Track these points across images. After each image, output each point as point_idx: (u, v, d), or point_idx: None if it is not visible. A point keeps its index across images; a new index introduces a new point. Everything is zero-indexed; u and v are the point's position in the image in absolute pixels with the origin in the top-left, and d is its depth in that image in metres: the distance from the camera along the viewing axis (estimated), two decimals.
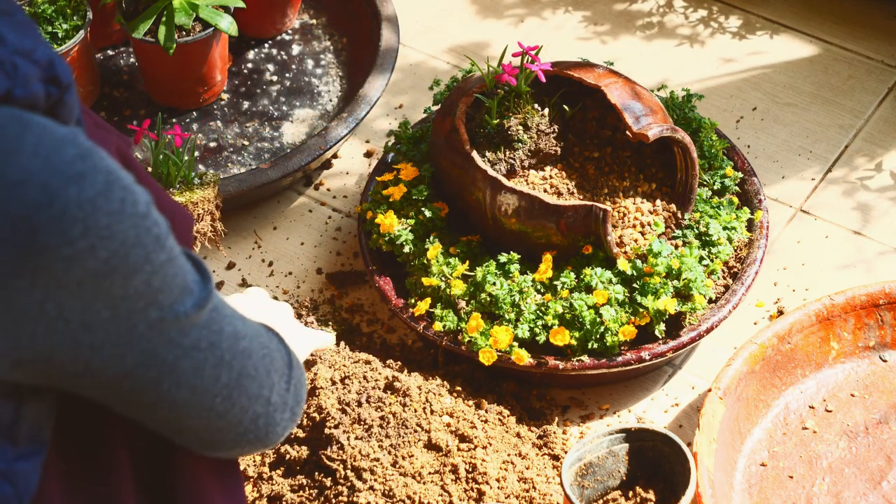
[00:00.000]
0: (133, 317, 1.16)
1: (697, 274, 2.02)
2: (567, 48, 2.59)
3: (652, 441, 1.92)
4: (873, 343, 2.10)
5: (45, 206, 1.08)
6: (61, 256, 1.09)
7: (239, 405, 1.29)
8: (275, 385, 1.33)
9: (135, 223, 1.13)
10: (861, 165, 2.40)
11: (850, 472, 1.98)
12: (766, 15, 2.66)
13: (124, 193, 1.12)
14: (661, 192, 2.12)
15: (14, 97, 1.10)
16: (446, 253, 2.09)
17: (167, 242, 1.17)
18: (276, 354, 1.34)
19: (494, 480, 1.95)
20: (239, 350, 1.27)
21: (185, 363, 1.22)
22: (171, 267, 1.18)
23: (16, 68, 1.11)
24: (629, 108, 2.05)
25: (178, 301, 1.19)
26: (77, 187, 1.09)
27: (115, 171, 1.13)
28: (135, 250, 1.13)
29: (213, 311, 1.24)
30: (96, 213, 1.10)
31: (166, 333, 1.19)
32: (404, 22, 2.62)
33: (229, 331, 1.26)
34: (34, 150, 1.08)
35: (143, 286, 1.15)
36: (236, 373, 1.27)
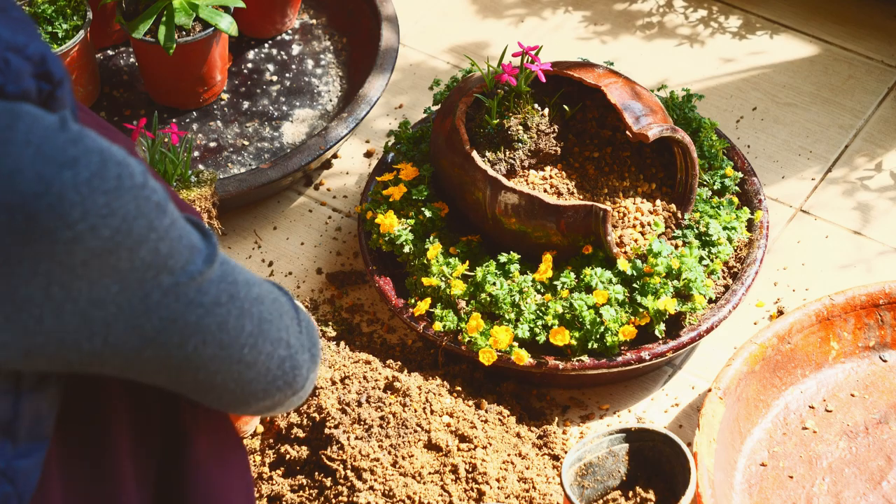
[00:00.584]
0: (145, 286, 1.16)
1: (697, 274, 2.02)
2: (567, 48, 2.59)
3: (652, 441, 1.92)
4: (873, 343, 2.10)
5: (42, 193, 1.08)
6: (62, 240, 1.09)
7: (265, 352, 1.29)
8: (289, 327, 1.33)
9: (134, 195, 1.13)
10: (861, 165, 2.40)
11: (850, 472, 1.98)
12: (766, 15, 2.66)
13: (119, 169, 1.12)
14: (661, 192, 2.12)
15: (5, 92, 1.11)
16: (446, 253, 2.09)
17: (168, 207, 1.17)
18: (280, 298, 1.34)
19: (494, 480, 1.95)
20: (254, 297, 1.27)
21: (208, 321, 1.22)
22: (175, 230, 1.18)
23: (7, 64, 1.11)
24: (629, 108, 2.05)
25: (190, 261, 1.19)
26: (71, 171, 1.09)
27: (107, 149, 1.13)
28: (137, 221, 1.13)
29: (224, 264, 1.25)
30: (93, 193, 1.10)
31: (185, 296, 1.19)
32: (404, 22, 2.62)
33: (242, 279, 1.26)
34: (26, 139, 1.09)
35: (151, 255, 1.15)
36: (257, 319, 1.27)
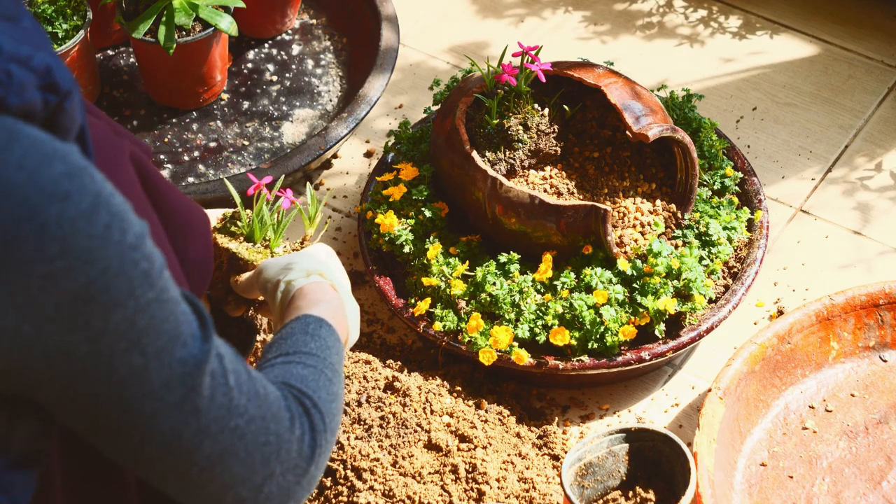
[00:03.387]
0: (114, 358, 1.12)
1: (697, 274, 2.02)
2: (567, 48, 2.59)
3: (652, 441, 1.92)
4: (873, 343, 2.10)
5: (25, 220, 1.05)
6: (38, 273, 1.06)
7: (220, 482, 1.22)
8: (274, 476, 1.25)
9: (119, 252, 1.09)
10: (861, 165, 2.40)
11: (850, 472, 1.98)
12: (766, 15, 2.66)
13: (111, 220, 1.09)
14: (661, 192, 2.12)
15: (8, 105, 1.08)
16: (446, 253, 2.09)
17: (158, 281, 1.13)
18: (288, 445, 1.26)
19: (494, 480, 1.95)
20: (229, 427, 1.21)
21: (162, 419, 1.16)
22: (160, 309, 1.13)
23: (10, 76, 1.08)
24: (629, 108, 2.05)
25: (166, 350, 1.14)
26: (59, 206, 1.06)
27: (104, 196, 1.09)
28: (117, 281, 1.09)
29: (209, 376, 1.18)
30: (76, 234, 1.07)
31: (147, 383, 1.14)
32: (404, 22, 2.62)
33: (222, 401, 1.20)
34: (19, 163, 1.06)
35: (125, 324, 1.11)
36: (221, 448, 1.21)
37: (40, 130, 1.09)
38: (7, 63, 1.09)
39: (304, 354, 1.41)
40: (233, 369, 1.21)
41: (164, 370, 1.14)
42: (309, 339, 1.44)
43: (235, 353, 1.24)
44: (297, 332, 1.46)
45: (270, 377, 1.36)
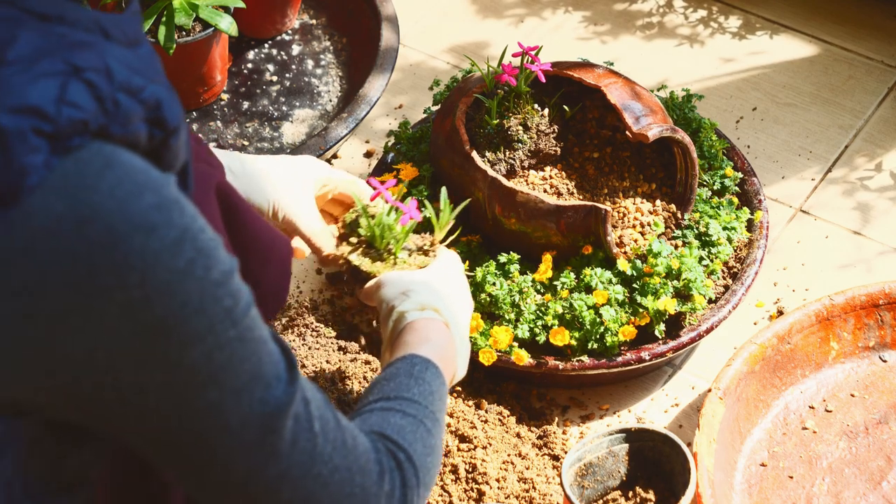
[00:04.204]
0: (189, 390, 1.10)
1: (697, 274, 2.02)
2: (567, 48, 2.59)
3: (652, 441, 1.92)
4: (873, 343, 2.10)
5: (108, 248, 1.04)
6: (115, 301, 1.05)
7: None
8: None
9: (201, 288, 1.08)
10: (861, 165, 2.40)
11: (850, 472, 1.98)
12: (766, 15, 2.66)
13: (196, 255, 1.07)
14: (661, 192, 2.12)
15: (110, 134, 1.06)
16: None
17: (242, 319, 1.11)
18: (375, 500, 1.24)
19: (494, 480, 1.95)
20: (312, 474, 1.19)
21: (240, 459, 1.15)
22: (241, 347, 1.11)
23: (117, 105, 1.07)
24: (629, 108, 2.05)
25: (245, 388, 1.12)
26: (144, 237, 1.05)
27: (192, 231, 1.08)
28: (197, 316, 1.08)
29: (292, 420, 1.16)
30: (158, 266, 1.05)
31: (223, 420, 1.12)
32: (404, 22, 2.62)
33: (305, 447, 1.18)
34: (110, 192, 1.04)
35: (203, 359, 1.09)
36: (302, 495, 1.19)
37: (139, 158, 1.08)
38: (116, 92, 1.07)
39: (405, 401, 1.39)
40: (319, 416, 1.19)
41: (244, 409, 1.13)
42: (412, 384, 1.43)
43: (326, 400, 1.22)
44: (402, 374, 1.45)
45: (367, 425, 1.34)
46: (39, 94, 1.04)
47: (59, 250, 1.04)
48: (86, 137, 1.05)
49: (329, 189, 1.84)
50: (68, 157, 1.04)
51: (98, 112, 1.05)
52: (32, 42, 1.06)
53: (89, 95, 1.05)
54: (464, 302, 1.71)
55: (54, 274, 1.04)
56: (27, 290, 1.04)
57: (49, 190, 1.03)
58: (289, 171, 1.77)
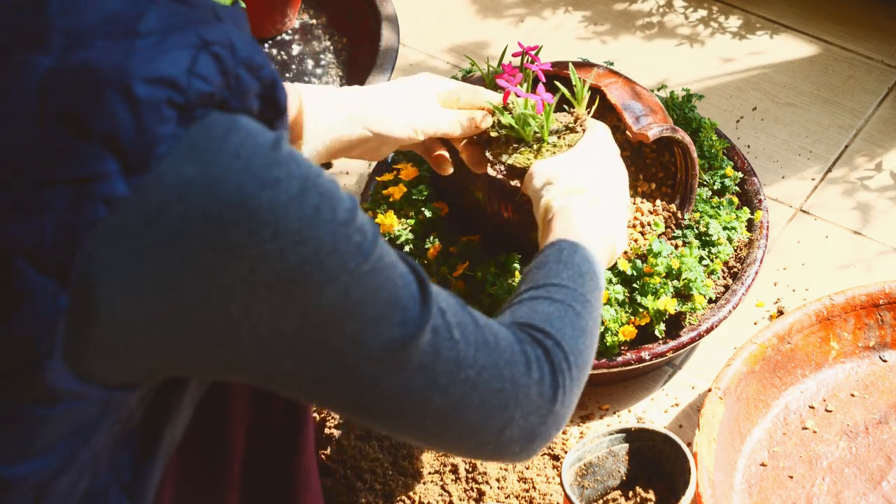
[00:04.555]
0: (328, 328, 1.13)
1: (697, 274, 2.02)
2: (567, 48, 2.59)
3: (652, 441, 1.92)
4: (873, 343, 2.10)
5: (238, 206, 1.07)
6: (249, 256, 1.08)
7: (456, 430, 1.23)
8: (514, 420, 1.26)
9: (332, 229, 1.11)
10: (861, 165, 2.40)
11: (850, 472, 1.98)
12: (766, 15, 2.66)
13: (320, 199, 1.11)
14: (661, 192, 2.12)
15: (229, 107, 1.10)
16: (446, 253, 2.09)
17: (372, 251, 1.14)
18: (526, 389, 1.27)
19: (494, 480, 1.95)
20: (459, 379, 1.21)
21: (387, 380, 1.18)
22: (375, 277, 1.14)
23: (238, 80, 1.10)
24: (629, 108, 2.05)
25: (383, 316, 1.15)
26: (271, 192, 1.08)
27: (312, 178, 1.11)
28: (330, 258, 1.11)
29: (431, 333, 1.19)
30: (288, 217, 1.09)
31: (365, 348, 1.15)
32: (404, 22, 2.62)
33: (449, 355, 1.21)
34: (235, 152, 1.08)
35: (340, 297, 1.12)
36: (453, 400, 1.22)
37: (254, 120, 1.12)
38: (238, 67, 1.11)
39: (553, 287, 1.42)
40: (457, 322, 1.22)
41: (383, 335, 1.16)
42: (561, 269, 1.46)
43: (461, 303, 1.25)
44: (551, 261, 1.48)
45: (514, 317, 1.38)
46: (173, 65, 1.07)
47: (192, 212, 1.06)
48: (208, 109, 1.08)
49: (454, 100, 1.86)
50: (192, 125, 1.08)
51: (222, 86, 1.09)
52: (162, 17, 1.09)
53: (216, 69, 1.09)
54: (613, 173, 1.74)
55: (188, 236, 1.07)
56: (162, 254, 1.07)
57: (177, 156, 1.07)
58: (410, 93, 1.79)
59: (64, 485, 1.16)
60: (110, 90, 1.06)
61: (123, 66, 1.07)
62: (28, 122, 1.07)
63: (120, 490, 1.20)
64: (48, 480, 1.15)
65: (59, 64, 1.08)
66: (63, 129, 1.06)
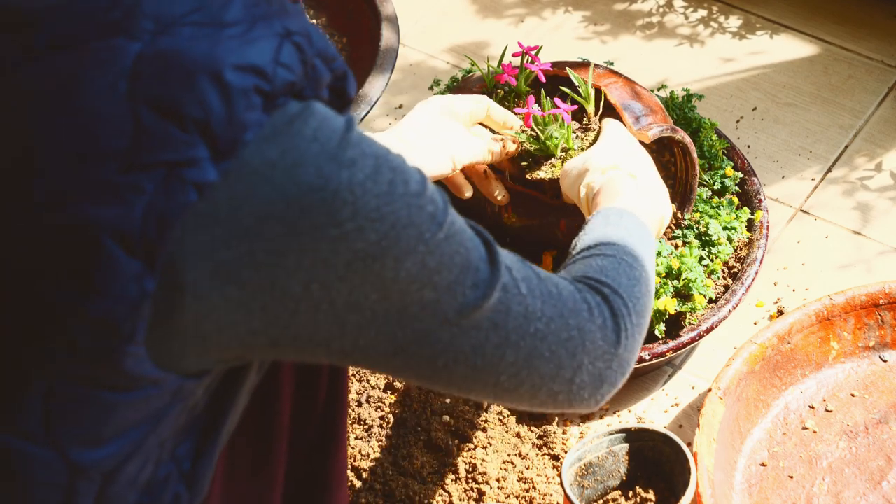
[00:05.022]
0: (405, 298, 1.15)
1: (697, 274, 2.02)
2: (567, 48, 2.59)
3: (652, 441, 1.92)
4: (873, 343, 2.10)
5: (318, 188, 1.09)
6: (329, 237, 1.10)
7: (529, 382, 1.26)
8: (583, 366, 1.30)
9: (406, 202, 1.13)
10: (861, 165, 2.40)
11: (850, 472, 1.98)
12: (766, 15, 2.66)
13: (393, 174, 1.13)
14: None
15: (304, 96, 1.13)
16: None
17: (445, 219, 1.17)
18: (591, 336, 1.30)
19: (494, 480, 1.95)
20: (529, 332, 1.25)
21: (462, 342, 1.20)
22: (448, 245, 1.17)
23: (314, 70, 1.13)
24: (629, 107, 2.05)
25: (458, 281, 1.18)
26: (349, 171, 1.10)
27: (383, 156, 1.14)
28: (406, 231, 1.13)
29: (501, 291, 1.22)
30: (366, 195, 1.11)
31: (441, 314, 1.18)
32: (404, 22, 2.62)
33: (518, 311, 1.24)
34: (314, 136, 1.10)
35: (417, 267, 1.15)
36: (525, 353, 1.25)
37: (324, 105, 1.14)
38: (314, 58, 1.14)
39: (603, 245, 1.45)
40: (522, 277, 1.25)
41: (458, 298, 1.18)
42: (610, 230, 1.49)
43: (521, 260, 1.29)
44: (598, 226, 1.52)
45: (570, 274, 1.41)
46: (260, 54, 1.10)
47: (275, 196, 1.09)
48: (288, 97, 1.11)
49: (474, 120, 1.92)
50: (275, 112, 1.10)
51: (302, 75, 1.12)
52: (247, 6, 1.12)
53: (298, 58, 1.12)
54: (642, 154, 1.78)
55: (272, 218, 1.09)
56: (249, 236, 1.09)
57: (261, 141, 1.09)
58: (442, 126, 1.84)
59: (130, 472, 1.17)
60: (201, 76, 1.08)
61: (213, 53, 1.09)
62: (119, 106, 1.09)
63: (179, 478, 1.21)
64: (116, 467, 1.16)
65: (148, 49, 1.09)
66: (155, 114, 1.08)
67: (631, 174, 1.69)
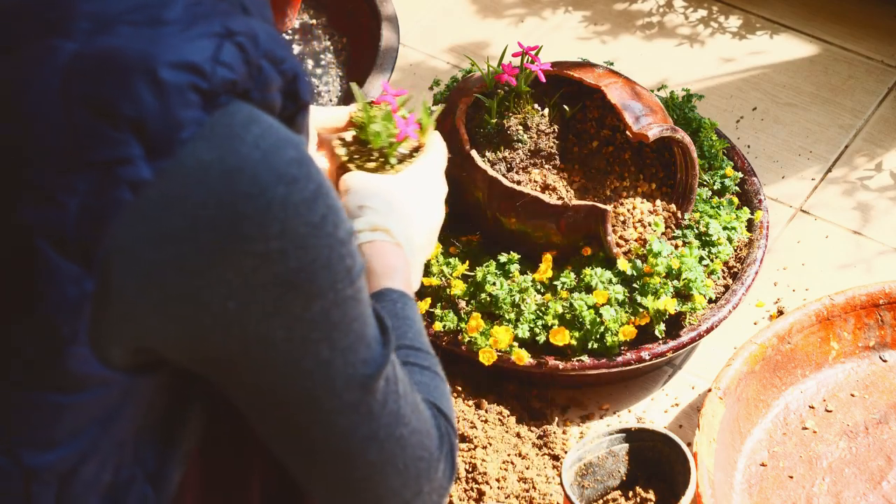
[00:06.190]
0: (305, 346, 1.13)
1: (697, 274, 2.02)
2: (567, 48, 2.59)
3: (652, 441, 1.92)
4: (873, 343, 2.10)
5: (252, 196, 1.07)
6: (254, 252, 1.08)
7: (375, 492, 1.22)
8: (422, 495, 1.25)
9: (330, 244, 1.11)
10: (861, 165, 2.40)
11: (850, 472, 1.98)
12: (766, 15, 2.66)
13: (328, 212, 1.11)
14: (661, 192, 2.12)
15: (251, 98, 1.11)
16: (446, 253, 2.09)
17: (357, 280, 1.15)
18: (436, 464, 1.26)
19: (494, 480, 1.95)
20: (395, 435, 1.21)
21: (338, 419, 1.17)
22: (353, 307, 1.15)
23: (260, 71, 1.11)
24: (629, 108, 2.05)
25: (352, 348, 1.16)
26: (286, 188, 1.08)
27: (326, 187, 1.12)
28: (323, 272, 1.11)
29: (384, 381, 1.19)
30: (297, 218, 1.09)
31: (331, 379, 1.15)
32: (404, 22, 2.62)
33: (393, 408, 1.21)
34: (255, 143, 1.09)
35: (322, 315, 1.12)
36: (385, 456, 1.21)
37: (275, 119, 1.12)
38: (261, 59, 1.12)
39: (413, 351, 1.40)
40: (401, 378, 1.22)
41: (348, 369, 1.16)
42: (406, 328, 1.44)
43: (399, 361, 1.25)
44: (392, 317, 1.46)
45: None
46: (198, 52, 1.08)
47: (208, 199, 1.07)
48: (231, 97, 1.09)
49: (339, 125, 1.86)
50: (216, 112, 1.08)
51: (246, 76, 1.10)
52: (188, 6, 1.11)
53: (240, 58, 1.10)
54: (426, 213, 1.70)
55: (203, 222, 1.07)
56: (178, 239, 1.07)
57: (200, 142, 1.07)
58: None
59: (87, 474, 1.16)
60: (136, 75, 1.07)
61: (149, 52, 1.08)
62: (53, 107, 1.08)
63: (144, 481, 1.20)
64: (71, 469, 1.15)
65: (84, 49, 1.08)
66: (88, 114, 1.07)
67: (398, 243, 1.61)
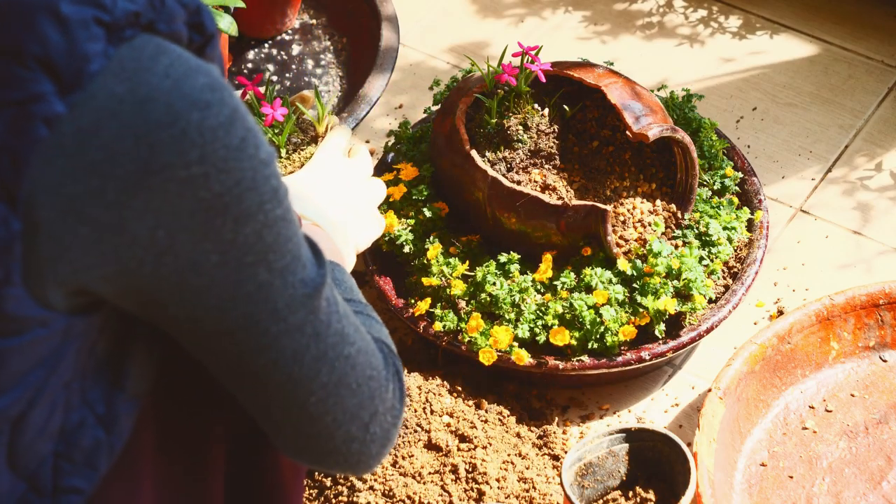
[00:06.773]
0: (242, 270, 1.14)
1: (697, 274, 2.02)
2: (567, 48, 2.60)
3: (652, 441, 1.92)
4: (873, 343, 2.11)
5: (167, 125, 1.08)
6: (176, 178, 1.09)
7: (332, 416, 1.24)
8: (378, 415, 1.27)
9: (253, 166, 1.12)
10: (861, 165, 2.40)
11: (850, 472, 1.98)
12: (766, 15, 2.66)
13: (247, 134, 1.12)
14: (661, 192, 2.12)
15: (157, 30, 1.12)
16: (446, 253, 2.09)
17: (284, 200, 1.16)
18: (386, 384, 1.28)
19: (494, 480, 1.95)
20: (343, 354, 1.23)
21: (286, 341, 1.19)
22: (286, 228, 1.16)
23: (163, 4, 1.12)
24: (629, 108, 2.05)
25: (290, 269, 1.17)
26: (200, 114, 1.10)
27: (241, 111, 1.13)
28: (249, 194, 1.12)
29: (325, 301, 1.21)
30: (215, 142, 1.10)
31: (272, 301, 1.17)
32: (404, 22, 2.62)
33: (337, 328, 1.22)
34: (165, 72, 1.10)
35: (254, 237, 1.14)
36: (337, 376, 1.23)
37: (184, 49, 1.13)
38: None
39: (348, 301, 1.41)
40: (340, 301, 1.24)
41: (289, 290, 1.17)
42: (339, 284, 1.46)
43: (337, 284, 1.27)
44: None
45: None
46: None
47: (123, 130, 1.08)
48: (136, 30, 1.10)
49: None
50: (123, 45, 1.09)
51: (147, 7, 1.11)
52: None
53: None
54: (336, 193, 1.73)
55: (119, 154, 1.08)
56: (96, 172, 1.08)
57: (109, 74, 1.08)
58: None
59: (37, 419, 1.17)
60: (40, 13, 1.08)
61: None
62: None
63: (96, 424, 1.21)
64: (20, 415, 1.16)
65: None
66: None
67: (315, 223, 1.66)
